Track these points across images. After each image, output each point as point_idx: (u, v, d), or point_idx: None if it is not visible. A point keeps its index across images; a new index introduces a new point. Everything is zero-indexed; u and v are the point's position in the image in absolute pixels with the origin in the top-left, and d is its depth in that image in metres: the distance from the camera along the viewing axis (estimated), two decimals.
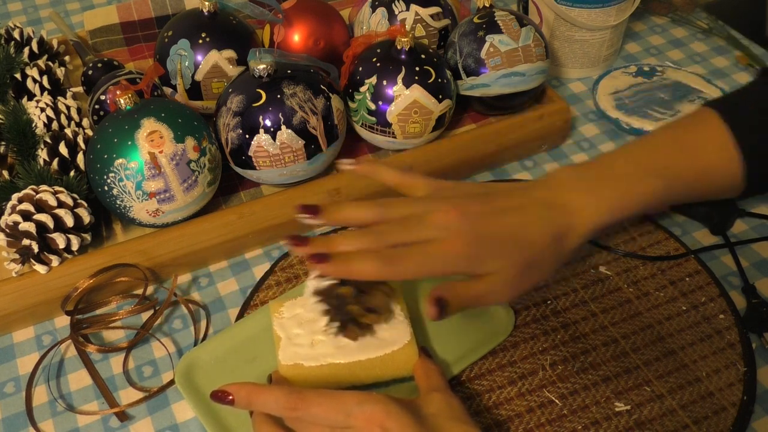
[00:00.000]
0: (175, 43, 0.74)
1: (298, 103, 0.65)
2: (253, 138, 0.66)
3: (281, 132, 0.65)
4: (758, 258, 0.66)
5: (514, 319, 0.61)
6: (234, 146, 0.67)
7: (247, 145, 0.66)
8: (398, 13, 0.78)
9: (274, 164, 0.67)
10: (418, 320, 0.61)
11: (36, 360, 0.61)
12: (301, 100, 0.66)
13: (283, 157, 0.66)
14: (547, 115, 0.77)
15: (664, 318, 0.61)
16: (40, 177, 0.65)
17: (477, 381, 0.58)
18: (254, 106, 0.66)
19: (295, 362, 0.54)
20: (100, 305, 0.65)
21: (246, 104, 0.66)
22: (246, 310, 0.64)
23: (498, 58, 0.72)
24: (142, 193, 0.62)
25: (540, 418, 0.55)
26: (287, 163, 0.67)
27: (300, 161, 0.67)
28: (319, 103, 0.67)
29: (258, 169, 0.68)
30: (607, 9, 0.82)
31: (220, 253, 0.68)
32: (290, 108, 0.65)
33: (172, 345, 0.63)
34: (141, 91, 0.68)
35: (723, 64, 0.90)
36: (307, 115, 0.66)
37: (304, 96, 0.66)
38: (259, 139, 0.66)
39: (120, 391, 0.59)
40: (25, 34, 0.85)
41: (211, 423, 0.54)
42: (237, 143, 0.67)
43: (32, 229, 0.61)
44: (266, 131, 0.65)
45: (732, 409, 0.55)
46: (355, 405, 0.44)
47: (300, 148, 0.67)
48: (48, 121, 0.71)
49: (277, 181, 0.70)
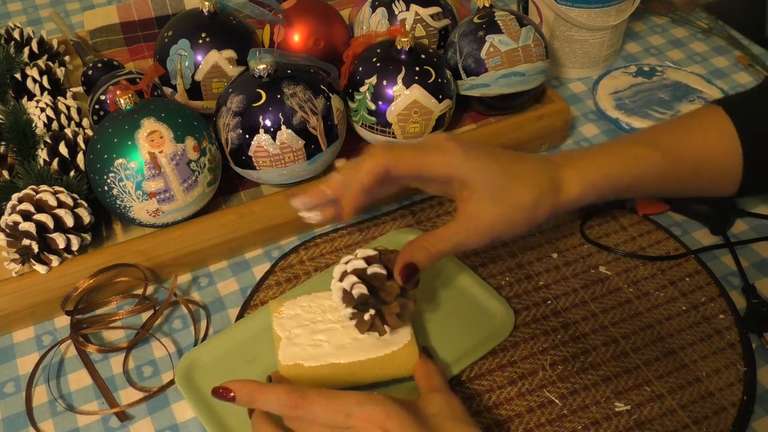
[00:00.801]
0: (175, 43, 0.74)
1: (298, 103, 0.65)
2: (253, 138, 0.66)
3: (281, 132, 0.65)
4: (758, 258, 0.66)
5: (514, 319, 0.61)
6: (234, 146, 0.67)
7: (247, 145, 0.66)
8: (398, 13, 0.78)
9: (274, 164, 0.67)
10: (418, 320, 0.61)
11: (36, 360, 0.61)
12: (301, 100, 0.66)
13: (283, 157, 0.66)
14: (547, 115, 0.77)
15: (664, 318, 0.61)
16: (40, 177, 0.65)
17: (477, 381, 0.58)
18: (254, 106, 0.66)
19: (295, 362, 0.54)
20: (100, 305, 0.65)
21: (246, 104, 0.66)
22: (246, 310, 0.64)
23: (498, 58, 0.72)
24: (142, 193, 0.62)
25: (540, 418, 0.55)
26: (287, 163, 0.67)
27: (300, 161, 0.67)
28: (319, 103, 0.67)
29: (258, 169, 0.68)
30: (607, 9, 0.82)
31: (220, 253, 0.68)
32: (290, 108, 0.65)
33: (172, 345, 0.63)
34: (141, 91, 0.68)
35: (723, 64, 0.90)
36: (307, 115, 0.66)
37: (304, 96, 0.66)
38: (259, 139, 0.66)
39: (120, 391, 0.59)
40: (25, 34, 0.85)
41: (211, 423, 0.54)
42: (237, 143, 0.67)
43: (32, 229, 0.61)
44: (266, 131, 0.65)
45: (732, 409, 0.55)
46: (356, 405, 0.44)
47: (300, 148, 0.67)
48: (48, 121, 0.71)
49: (277, 181, 0.70)
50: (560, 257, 0.66)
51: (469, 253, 0.67)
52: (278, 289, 0.65)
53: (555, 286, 0.64)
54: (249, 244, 0.69)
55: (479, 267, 0.66)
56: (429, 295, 0.63)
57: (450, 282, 0.64)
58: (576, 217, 0.70)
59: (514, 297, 0.63)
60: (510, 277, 0.65)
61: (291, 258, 0.68)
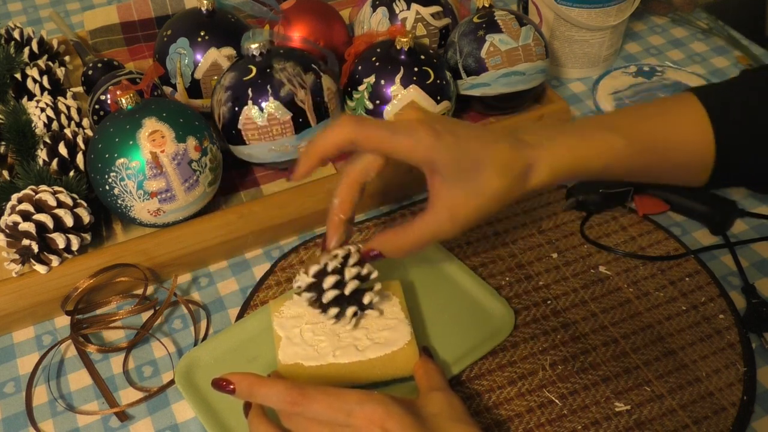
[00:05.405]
0: (174, 41, 0.74)
1: (286, 76, 0.66)
2: (242, 111, 0.67)
3: (269, 103, 0.66)
4: (758, 258, 0.66)
5: (514, 319, 0.61)
6: (225, 120, 0.68)
7: (236, 117, 0.67)
8: (399, 12, 0.78)
9: (262, 137, 0.67)
10: (418, 320, 0.61)
11: (36, 360, 0.61)
12: (290, 74, 0.66)
13: (271, 130, 0.67)
14: (547, 115, 0.77)
15: (664, 318, 0.61)
16: (40, 177, 0.65)
17: (477, 381, 0.58)
18: (244, 80, 0.67)
19: (295, 362, 0.54)
20: (100, 305, 0.65)
21: (237, 79, 0.67)
22: (246, 310, 0.64)
23: (498, 57, 0.72)
24: (143, 192, 0.62)
25: (540, 418, 0.55)
26: (275, 136, 0.67)
27: (288, 135, 0.67)
28: (309, 78, 0.67)
29: (248, 144, 0.68)
30: (607, 9, 0.82)
31: (220, 253, 0.68)
32: (278, 81, 0.66)
33: (172, 345, 0.63)
34: (141, 91, 0.68)
35: (723, 64, 0.90)
36: (294, 88, 0.66)
37: (293, 70, 0.67)
38: (248, 112, 0.66)
39: (120, 391, 0.59)
40: (25, 34, 0.85)
41: (211, 423, 0.54)
42: (228, 117, 0.68)
43: (32, 229, 0.61)
44: (254, 103, 0.66)
45: (732, 409, 0.55)
46: (356, 404, 0.43)
47: (287, 121, 0.67)
48: (48, 121, 0.71)
49: (269, 158, 0.69)
50: (560, 257, 0.66)
51: (469, 253, 0.67)
52: (278, 289, 0.65)
53: (555, 286, 0.64)
54: (249, 244, 0.69)
55: (479, 267, 0.66)
56: (429, 296, 0.63)
57: (450, 282, 0.64)
58: (576, 217, 0.70)
59: (514, 297, 0.63)
60: (510, 277, 0.65)
61: (291, 258, 0.68)
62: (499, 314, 0.61)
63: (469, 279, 0.64)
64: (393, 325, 0.56)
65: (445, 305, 0.62)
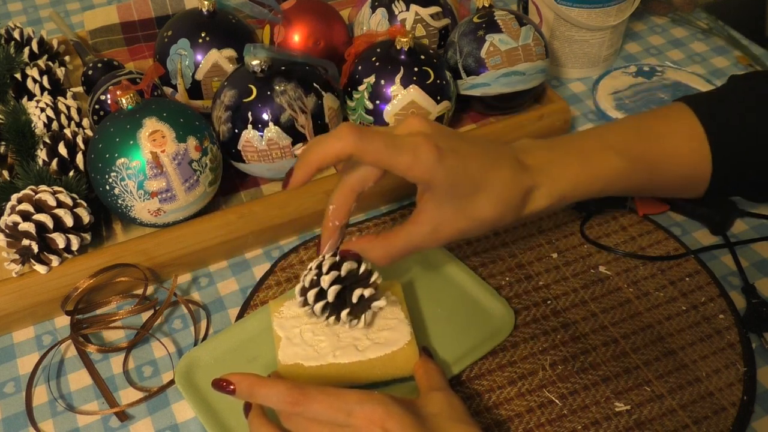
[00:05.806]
0: (175, 42, 0.74)
1: (287, 101, 0.66)
2: (242, 133, 0.67)
3: (269, 129, 0.66)
4: (758, 258, 0.66)
5: (514, 319, 0.61)
6: (225, 139, 0.68)
7: (236, 139, 0.67)
8: (398, 13, 0.78)
9: (261, 159, 0.68)
10: (418, 320, 0.61)
11: (36, 360, 0.61)
12: (290, 98, 0.66)
13: (270, 153, 0.67)
14: (547, 115, 0.77)
15: (664, 318, 0.61)
16: (40, 177, 0.65)
17: (477, 381, 0.58)
18: (244, 102, 0.66)
19: (295, 362, 0.54)
20: (100, 305, 0.65)
21: (237, 99, 0.67)
22: (246, 310, 0.64)
23: (498, 57, 0.72)
24: (143, 192, 0.62)
25: (540, 418, 0.55)
26: (275, 159, 0.67)
27: (287, 158, 0.68)
28: (310, 102, 0.67)
29: (247, 163, 0.68)
30: (607, 9, 0.82)
31: (220, 253, 0.68)
32: (279, 106, 0.66)
33: (172, 345, 0.63)
34: (141, 91, 0.68)
35: (723, 64, 0.90)
36: (295, 114, 0.66)
37: (294, 94, 0.66)
38: (248, 135, 0.66)
39: (120, 391, 0.59)
40: (25, 34, 0.85)
41: (211, 423, 0.54)
42: (228, 136, 0.68)
43: (32, 230, 0.61)
44: (254, 127, 0.66)
45: (732, 409, 0.55)
46: (356, 404, 0.44)
47: (287, 146, 0.67)
48: (48, 121, 0.71)
49: (267, 175, 0.70)
50: (560, 257, 0.66)
51: (469, 253, 0.67)
52: (278, 289, 0.65)
53: (555, 286, 0.64)
54: (249, 244, 0.69)
55: (479, 267, 0.66)
56: (429, 296, 0.63)
57: (450, 282, 0.64)
58: (576, 217, 0.70)
59: (514, 297, 0.63)
60: (510, 277, 0.65)
61: (291, 258, 0.68)
62: (499, 314, 0.61)
63: (469, 279, 0.64)
64: (393, 325, 0.56)
65: (445, 305, 0.62)
